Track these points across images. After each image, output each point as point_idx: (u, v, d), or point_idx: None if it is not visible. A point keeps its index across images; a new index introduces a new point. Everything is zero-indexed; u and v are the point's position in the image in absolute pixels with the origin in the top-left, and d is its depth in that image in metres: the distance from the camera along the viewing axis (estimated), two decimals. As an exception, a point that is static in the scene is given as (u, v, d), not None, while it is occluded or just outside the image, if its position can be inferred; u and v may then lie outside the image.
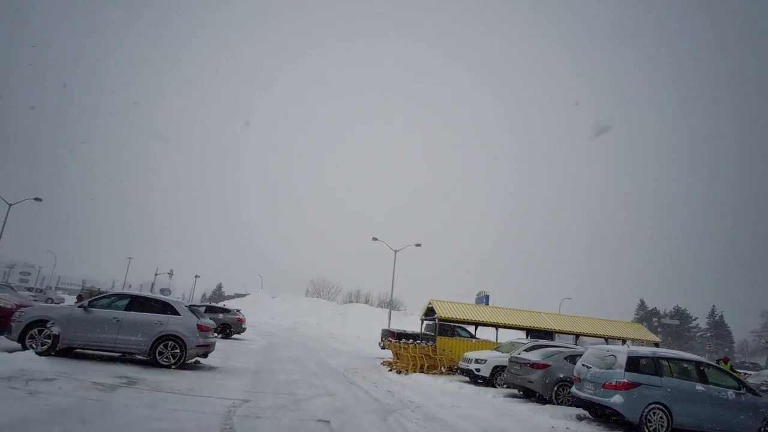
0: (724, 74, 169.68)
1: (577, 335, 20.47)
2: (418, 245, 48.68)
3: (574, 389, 10.39)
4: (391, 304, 47.84)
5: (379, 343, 22.59)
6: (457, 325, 22.44)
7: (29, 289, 45.09)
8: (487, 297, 52.21)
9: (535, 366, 12.09)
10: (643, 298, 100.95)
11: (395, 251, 47.77)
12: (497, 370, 14.73)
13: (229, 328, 24.04)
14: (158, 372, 9.97)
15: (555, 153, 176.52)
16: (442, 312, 18.58)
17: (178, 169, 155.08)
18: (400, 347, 16.99)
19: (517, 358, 13.04)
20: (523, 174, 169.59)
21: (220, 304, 26.18)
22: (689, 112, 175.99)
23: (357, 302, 78.14)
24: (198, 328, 11.15)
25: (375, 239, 47.68)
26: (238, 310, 25.76)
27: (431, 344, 17.51)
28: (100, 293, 19.45)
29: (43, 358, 9.74)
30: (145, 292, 11.57)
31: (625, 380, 9.20)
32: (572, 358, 12.47)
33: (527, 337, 20.87)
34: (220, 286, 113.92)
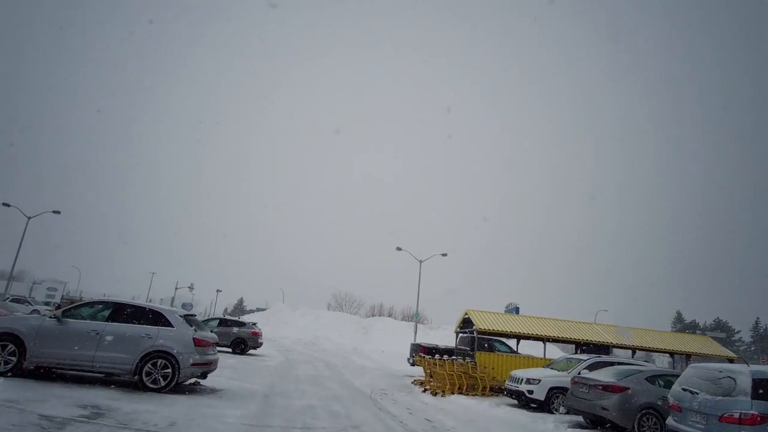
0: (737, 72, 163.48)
1: (636, 350, 17.83)
2: (444, 255, 46.37)
3: (672, 421, 7.97)
4: (416, 317, 45.45)
5: (409, 359, 20.29)
6: (494, 338, 20.03)
7: (46, 304, 44.17)
8: (517, 309, 49.17)
9: (610, 389, 9.69)
10: (679, 309, 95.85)
11: (420, 261, 45.52)
12: (554, 392, 12.31)
13: (244, 343, 22.08)
14: (141, 398, 7.96)
15: (584, 158, 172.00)
16: (481, 323, 16.23)
17: (199, 183, 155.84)
18: (435, 364, 14.70)
19: (583, 378, 10.64)
20: (548, 181, 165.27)
21: (235, 317, 24.26)
22: (733, 112, 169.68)
23: (380, 316, 75.76)
24: (195, 343, 9.14)
25: (399, 249, 45.55)
26: (254, 324, 23.82)
27: (470, 361, 15.18)
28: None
29: (1, 380, 7.90)
30: (133, 300, 9.56)
31: (754, 412, 6.79)
32: (655, 379, 10.04)
33: (576, 352, 18.32)
34: (241, 301, 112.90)
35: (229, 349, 21.92)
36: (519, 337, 17.81)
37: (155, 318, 9.21)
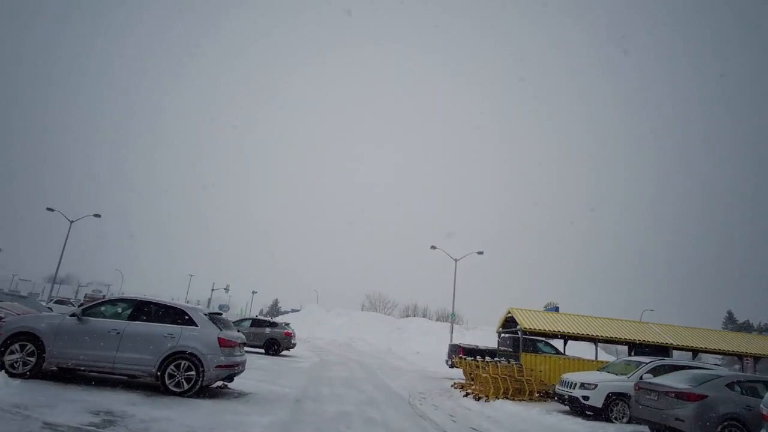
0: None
1: (697, 351, 16.22)
2: (480, 253, 44.97)
3: (768, 435, 6.75)
4: (452, 317, 44.25)
5: (447, 361, 19.27)
6: (538, 339, 18.79)
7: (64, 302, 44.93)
8: (557, 308, 47.44)
9: (685, 397, 8.45)
10: (731, 309, 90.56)
11: (455, 260, 44.28)
12: (613, 398, 11.07)
13: (277, 343, 21.58)
14: (161, 403, 7.33)
15: (624, 152, 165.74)
16: (525, 323, 15.05)
17: (234, 186, 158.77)
18: (477, 366, 13.66)
19: (651, 384, 9.41)
20: (588, 175, 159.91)
21: (267, 318, 23.84)
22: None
23: (414, 316, 74.73)
24: (220, 343, 8.47)
25: (434, 248, 44.49)
26: (287, 324, 23.32)
27: (515, 363, 14.05)
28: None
29: (18, 381, 7.42)
30: (156, 297, 9.00)
31: None
32: (736, 386, 8.74)
33: (631, 354, 16.89)
34: (276, 302, 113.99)
35: (262, 350, 21.49)
36: (567, 337, 16.51)
37: (178, 317, 8.60)
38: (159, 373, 8.13)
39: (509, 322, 17.03)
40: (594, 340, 15.75)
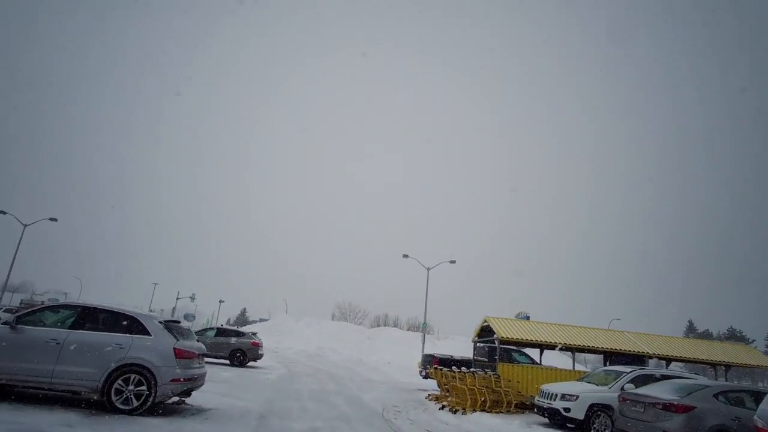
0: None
1: (673, 360, 16.14)
2: (453, 262, 44.87)
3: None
4: (424, 327, 43.77)
5: (421, 372, 18.66)
6: (513, 348, 18.43)
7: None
8: (528, 318, 47.61)
9: (673, 408, 8.08)
10: (691, 318, 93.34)
11: (428, 269, 44.02)
12: (595, 410, 10.68)
13: (243, 354, 20.52)
14: (105, 423, 6.45)
15: (588, 163, 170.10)
16: (502, 331, 14.61)
17: (199, 191, 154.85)
18: (454, 377, 13.10)
19: (636, 395, 9.03)
20: (548, 188, 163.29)
21: (233, 327, 22.75)
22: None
23: (385, 326, 73.86)
24: (176, 354, 7.63)
25: (406, 256, 44.11)
26: (254, 334, 22.27)
27: (492, 373, 13.56)
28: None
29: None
30: (104, 304, 8.07)
31: None
32: (722, 396, 8.44)
33: (606, 364, 16.69)
34: (244, 311, 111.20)
35: (227, 361, 20.40)
36: (544, 346, 16.17)
37: (129, 325, 7.71)
38: (105, 389, 7.22)
39: (485, 331, 16.58)
40: (571, 349, 15.46)
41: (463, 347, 49.71)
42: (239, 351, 20.52)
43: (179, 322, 8.79)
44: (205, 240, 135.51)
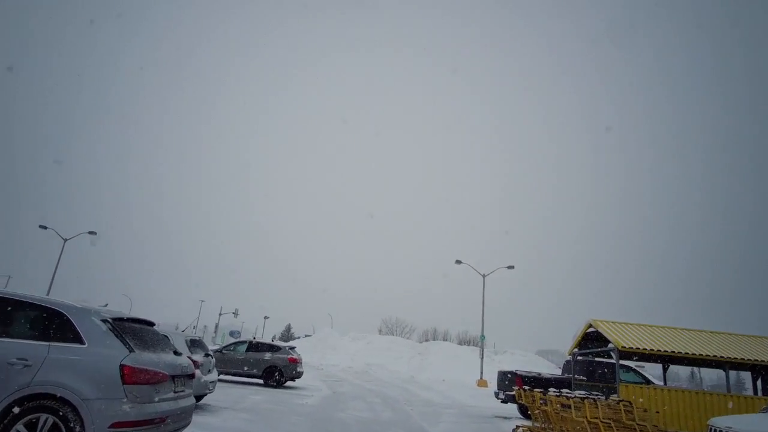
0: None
1: None
2: (511, 267, 40.59)
3: None
4: (482, 340, 39.42)
5: (498, 394, 14.69)
6: (622, 363, 14.24)
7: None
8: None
9: None
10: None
11: (483, 275, 39.91)
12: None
13: (279, 372, 17.23)
14: None
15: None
16: (622, 339, 10.52)
17: (243, 210, 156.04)
18: (562, 405, 9.18)
19: None
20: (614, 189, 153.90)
21: (268, 341, 19.57)
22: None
23: (435, 340, 69.39)
24: (123, 377, 4.29)
25: (459, 262, 40.23)
26: (292, 348, 18.97)
27: (616, 399, 9.52)
28: None
29: None
30: (7, 290, 4.76)
31: None
32: None
33: (756, 383, 12.22)
34: (289, 327, 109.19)
35: (261, 380, 17.20)
36: (683, 360, 11.88)
37: (46, 324, 4.45)
38: (-8, 442, 3.97)
39: (591, 340, 12.51)
40: (722, 363, 11.08)
41: (522, 361, 44.81)
42: (274, 368, 17.26)
43: (153, 323, 5.49)
44: (251, 256, 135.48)
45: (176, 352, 5.43)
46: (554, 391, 9.40)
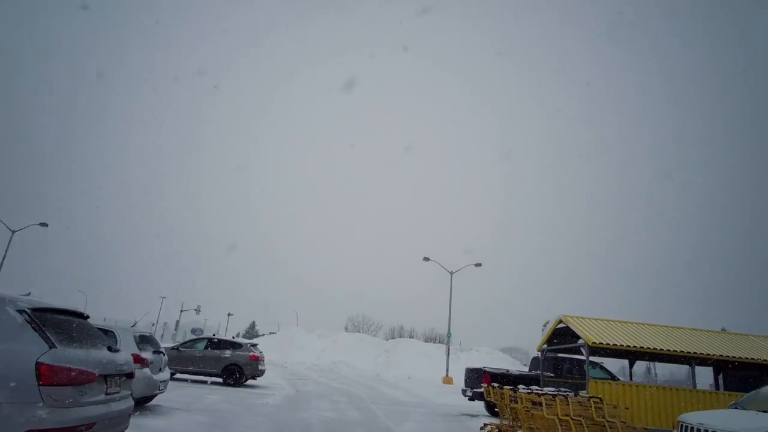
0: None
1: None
2: (478, 265, 40.83)
3: None
4: (449, 338, 39.49)
5: (466, 392, 14.44)
6: (583, 359, 14.23)
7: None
8: (560, 327, 42.86)
9: None
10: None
11: (451, 273, 39.98)
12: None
13: (239, 370, 16.49)
14: None
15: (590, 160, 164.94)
16: (592, 335, 10.38)
17: (206, 202, 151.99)
18: (533, 402, 8.91)
19: None
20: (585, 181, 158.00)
21: (228, 338, 18.68)
22: None
23: (401, 338, 69.32)
24: (40, 377, 3.62)
25: (427, 259, 40.14)
26: (254, 345, 18.22)
27: (585, 395, 9.34)
28: None
29: None
30: None
31: None
32: None
33: (717, 378, 12.38)
34: (253, 325, 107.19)
35: (220, 379, 16.42)
36: (650, 355, 11.86)
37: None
38: None
39: (560, 337, 12.39)
40: (692, 359, 11.05)
41: (487, 359, 45.13)
42: (235, 366, 16.51)
43: (79, 314, 4.81)
44: (213, 252, 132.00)
45: (111, 348, 4.77)
46: (524, 388, 9.13)
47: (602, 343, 10.17)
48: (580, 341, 10.56)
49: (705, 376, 15.53)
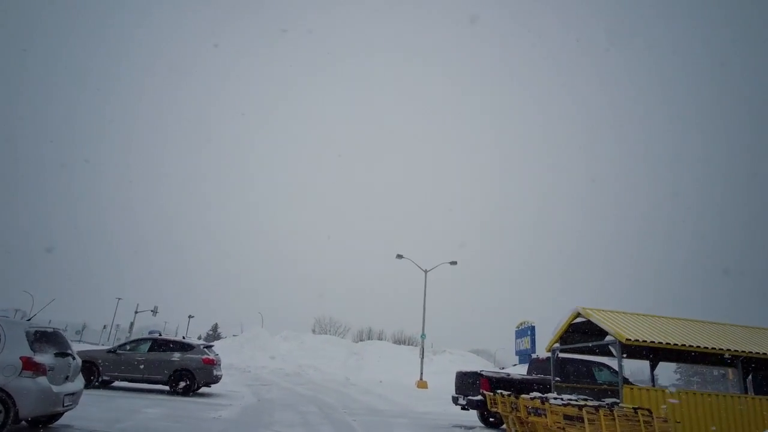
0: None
1: None
2: (454, 263, 39.14)
3: None
4: (423, 339, 37.57)
5: (458, 399, 12.37)
6: (589, 360, 12.45)
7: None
8: (533, 328, 41.62)
9: None
10: None
11: (425, 271, 38.11)
12: None
13: (190, 376, 13.94)
14: None
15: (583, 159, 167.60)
16: (624, 330, 8.48)
17: (169, 200, 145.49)
18: (558, 415, 6.93)
19: None
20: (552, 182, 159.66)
21: (178, 338, 15.94)
22: None
23: (370, 339, 67.14)
24: None
25: (400, 257, 38.21)
26: (209, 347, 15.65)
27: (633, 407, 7.40)
28: None
29: None
30: None
31: None
32: None
33: (745, 379, 10.75)
34: (216, 327, 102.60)
35: (167, 387, 13.85)
36: (687, 354, 10.01)
37: None
38: None
39: (577, 333, 10.49)
40: (742, 360, 9.19)
41: (461, 361, 43.49)
42: (184, 372, 13.95)
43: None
44: (174, 252, 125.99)
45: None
46: (555, 398, 7.12)
47: (638, 340, 8.30)
48: (609, 338, 8.68)
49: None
